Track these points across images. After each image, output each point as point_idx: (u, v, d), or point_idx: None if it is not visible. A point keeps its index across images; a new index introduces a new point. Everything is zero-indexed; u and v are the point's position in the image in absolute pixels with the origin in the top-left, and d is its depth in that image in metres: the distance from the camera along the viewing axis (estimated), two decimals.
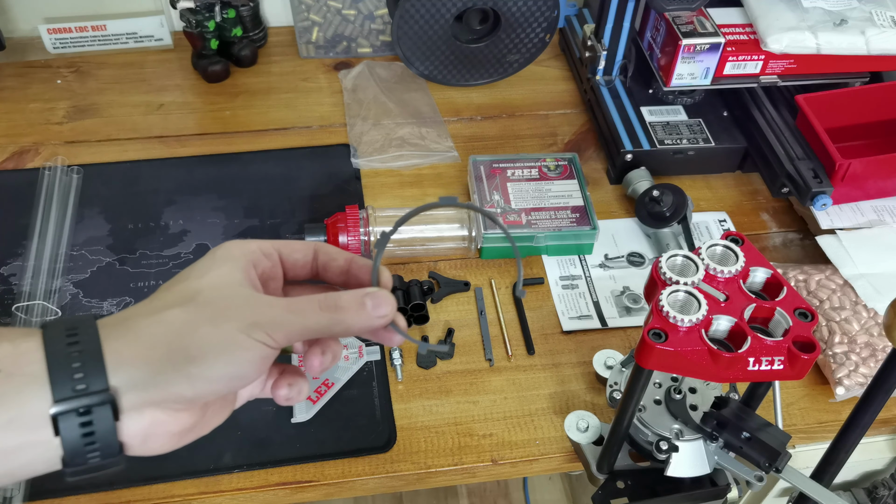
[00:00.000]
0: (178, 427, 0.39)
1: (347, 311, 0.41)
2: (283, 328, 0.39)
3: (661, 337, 0.47)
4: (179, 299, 0.39)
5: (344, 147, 0.94)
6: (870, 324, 0.72)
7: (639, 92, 0.94)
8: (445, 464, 0.65)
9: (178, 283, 0.41)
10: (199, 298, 0.39)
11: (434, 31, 0.95)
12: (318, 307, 0.40)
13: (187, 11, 0.98)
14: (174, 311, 0.38)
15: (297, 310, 0.40)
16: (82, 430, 0.36)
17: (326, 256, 0.46)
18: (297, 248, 0.45)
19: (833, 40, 0.85)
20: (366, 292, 0.42)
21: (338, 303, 0.41)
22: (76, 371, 0.36)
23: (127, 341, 0.37)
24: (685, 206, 0.81)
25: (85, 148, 0.93)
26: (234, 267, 0.41)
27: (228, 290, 0.40)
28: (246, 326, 0.38)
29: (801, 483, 0.56)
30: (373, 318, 0.41)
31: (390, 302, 0.42)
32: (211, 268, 0.41)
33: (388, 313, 0.42)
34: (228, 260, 0.42)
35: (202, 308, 0.39)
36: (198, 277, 0.41)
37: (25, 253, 0.79)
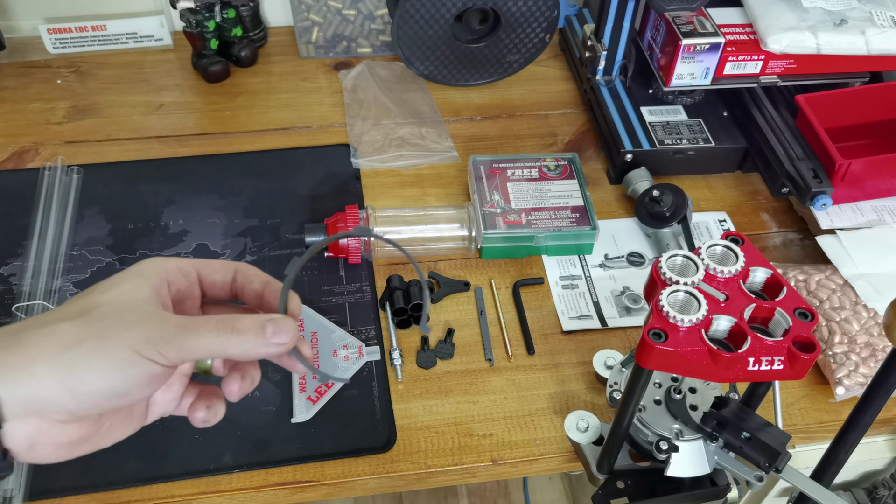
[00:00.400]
0: (65, 438, 0.39)
1: (245, 334, 0.41)
2: (174, 346, 0.39)
3: (661, 337, 0.47)
4: (75, 313, 0.40)
5: (344, 147, 0.94)
6: (870, 324, 0.72)
7: (639, 92, 0.94)
8: (445, 464, 0.65)
9: (82, 297, 0.41)
10: (95, 313, 0.39)
11: (434, 31, 0.95)
12: (214, 328, 0.40)
13: (187, 11, 0.98)
14: (65, 324, 0.39)
15: (192, 328, 0.40)
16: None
17: (244, 278, 0.46)
18: (217, 269, 0.46)
19: (833, 40, 0.85)
20: (269, 318, 0.42)
21: (236, 325, 0.41)
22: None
23: (14, 351, 0.38)
24: (685, 206, 0.81)
25: (85, 148, 0.93)
26: (143, 283, 0.42)
27: (128, 306, 0.40)
28: (136, 343, 0.38)
29: (801, 483, 0.56)
30: (270, 345, 0.41)
31: (291, 330, 0.42)
32: (120, 283, 0.41)
33: (287, 341, 0.42)
34: (140, 276, 0.42)
35: (95, 322, 0.39)
36: (102, 292, 0.41)
37: (25, 253, 0.79)
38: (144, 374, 0.39)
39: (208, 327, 0.40)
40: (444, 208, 0.83)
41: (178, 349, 0.39)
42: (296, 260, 0.44)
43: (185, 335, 0.39)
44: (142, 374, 0.39)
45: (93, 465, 0.63)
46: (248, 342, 0.41)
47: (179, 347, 0.39)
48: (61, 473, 0.63)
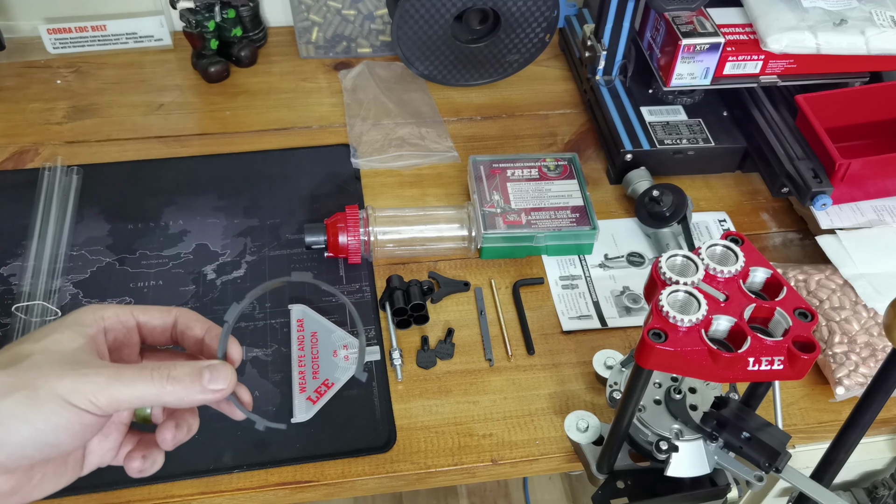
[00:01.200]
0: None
1: (181, 381, 0.40)
2: (106, 395, 0.38)
3: (661, 337, 0.47)
4: (5, 362, 0.39)
5: (344, 147, 0.94)
6: (870, 324, 0.72)
7: (639, 92, 0.94)
8: (445, 464, 0.65)
9: (15, 346, 0.40)
10: (26, 362, 0.39)
11: (434, 31, 0.95)
12: (149, 375, 0.40)
13: (187, 11, 0.98)
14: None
15: (125, 377, 0.39)
16: None
17: (184, 324, 0.46)
18: (156, 315, 0.46)
19: (833, 40, 0.85)
20: (205, 364, 0.41)
21: (171, 373, 0.40)
22: None
23: None
24: (685, 206, 0.81)
25: (85, 148, 0.93)
26: (78, 332, 0.41)
27: (60, 356, 0.40)
28: (67, 392, 0.38)
29: (801, 483, 0.56)
30: (207, 391, 0.41)
31: (229, 376, 0.42)
32: (53, 331, 0.41)
33: (223, 387, 0.41)
34: (75, 325, 0.42)
35: (25, 372, 0.38)
36: (35, 341, 0.40)
37: (25, 253, 0.79)
38: (76, 424, 0.38)
39: (143, 375, 0.40)
40: (444, 208, 0.83)
41: (110, 398, 0.38)
42: (235, 306, 0.44)
43: (117, 384, 0.39)
44: (73, 424, 0.38)
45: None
46: (183, 389, 0.40)
47: (111, 396, 0.38)
48: None
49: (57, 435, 0.38)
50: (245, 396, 0.44)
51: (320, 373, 0.70)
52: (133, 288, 0.77)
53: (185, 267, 0.79)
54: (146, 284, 0.77)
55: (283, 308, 0.76)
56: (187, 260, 0.80)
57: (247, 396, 0.45)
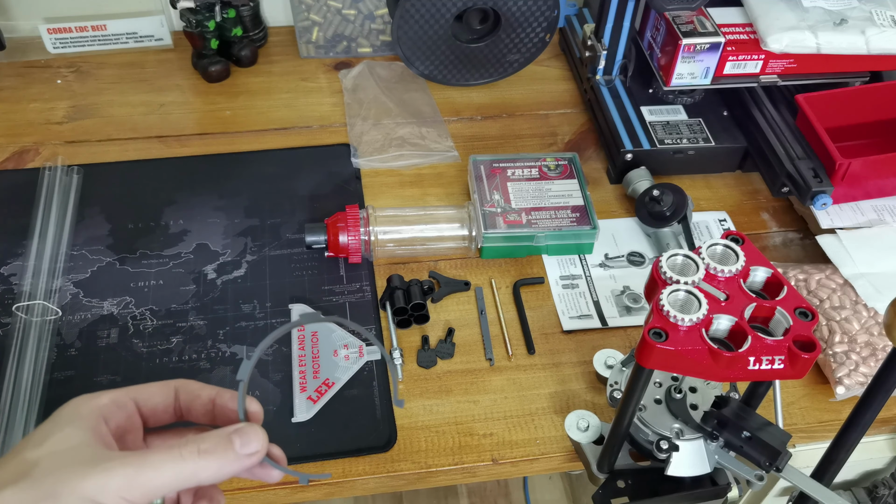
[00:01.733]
0: None
1: (212, 454, 0.37)
2: (138, 488, 0.35)
3: (662, 336, 0.47)
4: (13, 476, 0.35)
5: (344, 147, 0.94)
6: (870, 323, 0.72)
7: (639, 92, 0.94)
8: (446, 463, 0.65)
9: (14, 456, 0.37)
10: (36, 472, 0.35)
11: (434, 31, 0.95)
12: (178, 455, 0.37)
13: (187, 11, 0.98)
14: (7, 492, 0.35)
15: (153, 463, 0.36)
16: None
17: (188, 395, 0.42)
18: (155, 392, 0.42)
19: (833, 40, 0.85)
20: (233, 429, 0.39)
21: (201, 447, 0.37)
22: None
23: None
24: (685, 205, 0.81)
25: (85, 148, 0.93)
26: (78, 427, 0.38)
27: (70, 457, 0.36)
28: (95, 492, 0.35)
29: (801, 482, 0.56)
30: (242, 459, 0.38)
31: (260, 437, 0.39)
32: (52, 432, 0.37)
33: (258, 449, 0.39)
34: (74, 420, 0.38)
35: (39, 483, 0.35)
36: (35, 446, 0.37)
37: (25, 253, 0.79)
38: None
39: (171, 456, 0.37)
40: (444, 208, 0.83)
41: (143, 489, 0.35)
42: (246, 363, 0.41)
43: (147, 472, 0.36)
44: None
45: None
46: (217, 462, 0.37)
47: (143, 486, 0.35)
48: None
49: None
50: (278, 453, 0.41)
51: (321, 372, 0.70)
52: (133, 288, 0.77)
53: (185, 266, 0.79)
54: (146, 284, 0.77)
55: (283, 308, 0.76)
56: (188, 259, 0.80)
57: (279, 452, 0.42)
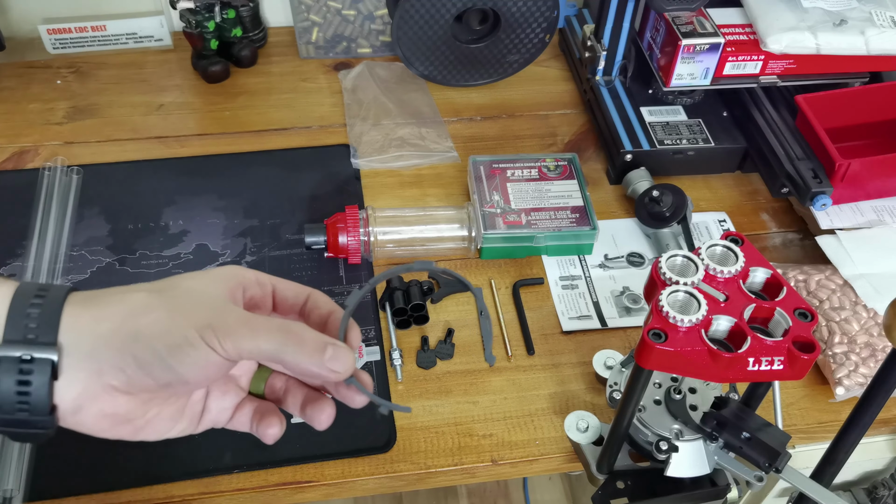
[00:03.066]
0: (111, 408, 0.39)
1: (303, 345, 0.40)
2: (233, 337, 0.39)
3: (661, 337, 0.47)
4: (153, 287, 0.41)
5: (344, 147, 0.94)
6: (869, 324, 0.72)
7: (639, 92, 0.95)
8: (445, 464, 0.65)
9: (164, 280, 0.42)
10: (170, 291, 0.40)
11: (434, 31, 0.95)
12: (277, 330, 0.40)
13: (187, 12, 0.98)
14: (140, 293, 0.40)
15: (254, 325, 0.40)
16: (18, 377, 0.36)
17: (313, 303, 0.47)
18: (291, 288, 0.47)
19: (833, 40, 0.85)
20: (331, 341, 0.42)
21: (299, 333, 0.41)
22: (30, 320, 0.37)
23: (86, 310, 0.38)
24: (685, 206, 0.81)
25: (85, 148, 0.93)
26: (220, 282, 0.42)
27: (201, 294, 0.41)
28: (200, 326, 0.39)
29: (800, 483, 0.56)
30: (324, 367, 0.41)
31: (349, 362, 0.42)
32: (201, 276, 0.43)
33: (341, 370, 0.41)
34: (219, 276, 0.43)
35: (168, 299, 0.40)
36: (183, 278, 0.42)
37: (25, 253, 0.79)
38: (201, 359, 0.39)
39: (270, 328, 0.40)
40: (444, 208, 0.83)
41: (235, 342, 0.39)
42: (356, 292, 0.45)
43: (244, 330, 0.39)
44: (199, 359, 0.39)
45: (93, 466, 0.63)
46: (303, 354, 0.40)
47: (237, 340, 0.39)
48: (62, 474, 0.63)
49: (183, 363, 0.38)
50: (366, 379, 0.44)
51: None
52: None
53: (185, 267, 0.79)
54: None
55: None
56: (187, 260, 0.80)
57: (367, 379, 0.45)
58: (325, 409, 0.46)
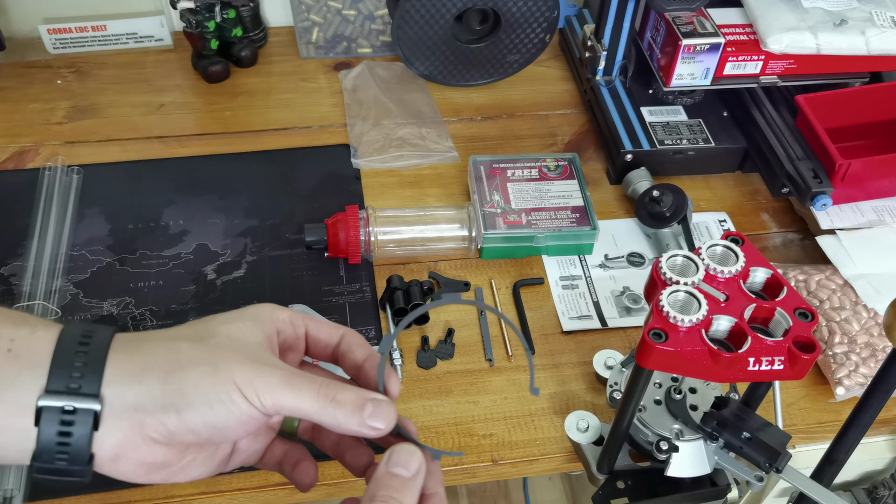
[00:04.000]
0: (150, 458, 0.39)
1: (342, 408, 0.40)
2: (274, 397, 0.39)
3: (662, 337, 0.47)
4: (194, 336, 0.40)
5: (344, 147, 0.94)
6: (870, 324, 0.72)
7: (639, 92, 0.94)
8: (445, 464, 0.65)
9: (202, 323, 0.42)
10: (212, 341, 0.40)
11: (434, 31, 0.95)
12: (317, 391, 0.40)
13: (187, 12, 0.98)
14: (184, 343, 0.39)
15: (295, 385, 0.39)
16: (60, 429, 0.36)
17: (347, 345, 0.46)
18: (324, 329, 0.46)
19: (833, 40, 0.85)
20: (371, 397, 0.41)
21: (336, 396, 0.40)
22: (75, 370, 0.37)
23: (131, 358, 0.38)
24: (685, 206, 0.81)
25: (85, 148, 0.93)
26: (257, 327, 0.42)
27: (242, 345, 0.40)
28: (242, 381, 0.38)
29: (801, 483, 0.56)
30: (364, 426, 0.40)
31: (391, 417, 0.41)
32: (237, 319, 0.42)
33: (382, 428, 0.40)
34: (256, 319, 0.43)
35: (210, 350, 0.39)
36: (220, 323, 0.41)
37: (25, 253, 0.79)
38: (243, 414, 0.38)
39: (311, 388, 0.40)
40: (444, 208, 0.83)
41: (275, 400, 0.39)
42: (389, 336, 0.45)
43: (285, 389, 0.39)
44: (241, 414, 0.38)
45: None
46: (343, 416, 0.40)
47: (276, 399, 0.39)
48: None
49: (226, 419, 0.38)
50: (411, 427, 0.44)
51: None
52: (133, 288, 0.77)
53: (185, 267, 0.79)
54: (146, 284, 0.77)
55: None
56: (188, 260, 0.80)
57: (413, 427, 0.44)
58: (363, 457, 0.46)
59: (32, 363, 0.37)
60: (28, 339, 0.37)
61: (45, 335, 0.38)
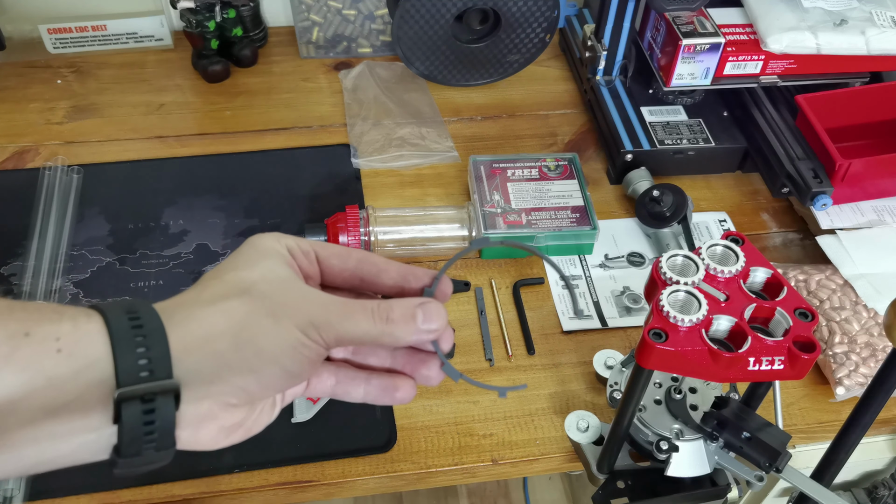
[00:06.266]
0: (230, 421, 0.38)
1: (397, 323, 0.40)
2: (335, 332, 0.38)
3: (662, 337, 0.47)
4: (236, 290, 0.38)
5: (344, 147, 0.94)
6: (870, 324, 0.72)
7: (639, 92, 0.94)
8: (445, 464, 0.65)
9: (227, 273, 0.39)
10: (255, 291, 0.38)
11: (434, 31, 0.95)
12: (371, 316, 0.39)
13: (187, 11, 0.98)
14: (233, 301, 0.37)
15: (350, 315, 0.39)
16: (144, 418, 0.34)
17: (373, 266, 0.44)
18: (335, 253, 0.44)
19: (833, 40, 0.85)
20: (418, 303, 0.41)
21: (389, 315, 0.40)
22: (141, 356, 0.34)
23: (191, 329, 0.36)
24: (685, 206, 0.81)
25: (85, 148, 0.93)
26: (279, 262, 0.40)
27: (282, 285, 0.39)
28: (304, 325, 0.37)
29: (801, 483, 0.56)
30: (421, 332, 0.41)
31: (442, 314, 0.42)
32: (258, 259, 0.40)
33: (437, 327, 0.41)
34: (272, 253, 0.41)
35: (260, 301, 0.37)
36: (248, 268, 0.39)
37: (25, 253, 0.79)
38: (314, 356, 0.38)
39: (366, 315, 0.39)
40: (444, 208, 0.83)
41: (338, 334, 0.38)
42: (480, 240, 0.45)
43: (345, 322, 0.39)
44: (311, 356, 0.38)
45: (93, 466, 0.63)
46: (399, 331, 0.40)
47: (339, 333, 0.38)
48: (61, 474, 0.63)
49: (300, 366, 0.38)
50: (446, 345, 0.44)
51: None
52: (133, 288, 0.77)
53: (185, 267, 0.79)
54: (146, 284, 0.77)
55: None
56: (188, 260, 0.80)
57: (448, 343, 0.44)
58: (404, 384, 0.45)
59: (89, 360, 0.34)
60: (74, 334, 0.34)
61: (89, 326, 0.35)
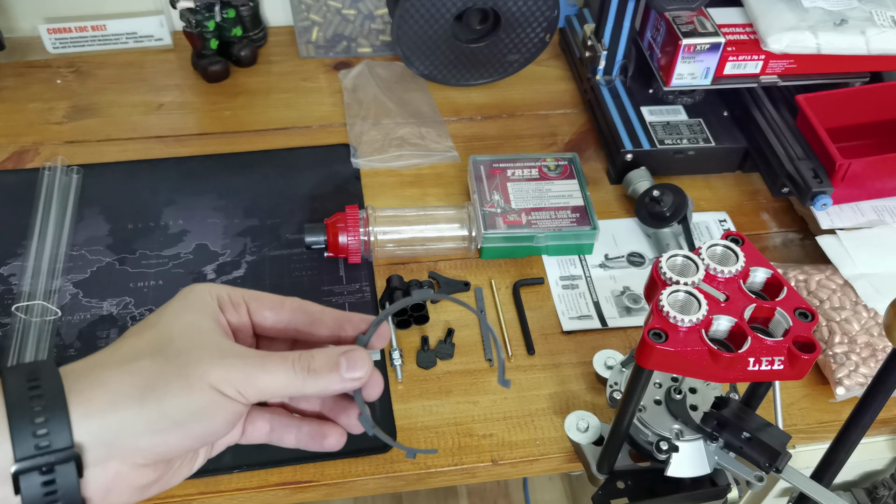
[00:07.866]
0: (142, 481, 0.38)
1: (319, 374, 0.39)
2: (254, 386, 0.38)
3: (662, 337, 0.47)
4: (149, 349, 0.38)
5: (344, 147, 0.94)
6: (870, 324, 0.72)
7: (639, 92, 0.94)
8: (445, 464, 0.65)
9: (147, 329, 0.39)
10: (170, 349, 0.37)
11: (434, 30, 0.95)
12: (291, 367, 0.39)
13: (187, 11, 0.98)
14: (144, 361, 0.37)
15: (270, 368, 0.38)
16: (44, 490, 0.34)
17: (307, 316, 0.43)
18: (268, 304, 0.43)
19: (833, 40, 0.85)
20: (341, 352, 0.40)
21: (311, 365, 0.39)
22: (39, 427, 0.34)
23: (94, 393, 0.36)
24: (685, 206, 0.81)
25: (85, 148, 0.93)
26: (206, 314, 0.40)
27: (200, 342, 0.38)
28: (218, 382, 0.37)
29: (801, 483, 0.56)
30: (346, 381, 0.40)
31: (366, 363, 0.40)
32: (182, 311, 0.40)
33: (361, 375, 0.40)
34: (201, 306, 0.40)
35: (173, 360, 0.37)
36: (169, 324, 0.39)
37: (25, 253, 0.79)
38: (229, 413, 0.38)
39: (286, 366, 0.39)
40: (444, 208, 0.83)
41: (257, 389, 0.38)
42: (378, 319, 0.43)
43: (263, 375, 0.38)
44: (227, 413, 0.38)
45: None
46: (323, 381, 0.39)
47: (258, 387, 0.38)
48: None
49: (213, 423, 0.37)
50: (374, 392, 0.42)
51: None
52: (133, 288, 0.77)
53: (185, 267, 0.79)
54: (146, 284, 0.77)
55: None
56: (187, 260, 0.80)
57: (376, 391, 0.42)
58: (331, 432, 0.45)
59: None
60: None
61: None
